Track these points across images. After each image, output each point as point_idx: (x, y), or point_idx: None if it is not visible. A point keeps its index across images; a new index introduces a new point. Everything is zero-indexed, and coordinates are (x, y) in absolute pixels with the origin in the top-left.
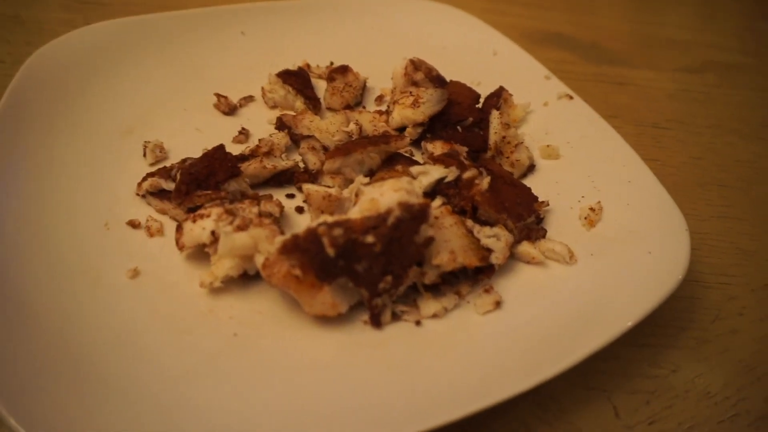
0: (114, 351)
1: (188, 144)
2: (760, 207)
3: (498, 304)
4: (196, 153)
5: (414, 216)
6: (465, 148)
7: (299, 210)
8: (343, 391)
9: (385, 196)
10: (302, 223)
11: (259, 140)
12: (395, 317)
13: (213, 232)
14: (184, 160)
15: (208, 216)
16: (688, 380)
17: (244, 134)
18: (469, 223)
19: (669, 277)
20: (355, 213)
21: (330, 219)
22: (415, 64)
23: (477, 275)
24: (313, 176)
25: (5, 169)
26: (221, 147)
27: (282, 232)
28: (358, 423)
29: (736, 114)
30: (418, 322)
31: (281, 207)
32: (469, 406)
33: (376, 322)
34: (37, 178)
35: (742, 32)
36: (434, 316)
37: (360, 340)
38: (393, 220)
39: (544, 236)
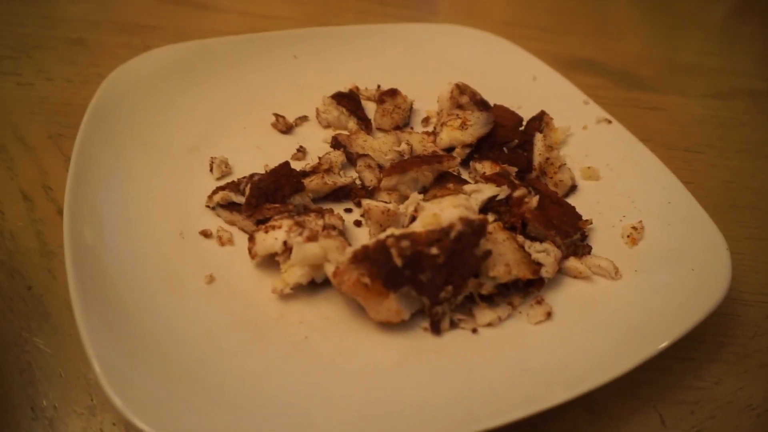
0: (197, 348)
1: (250, 160)
2: None
3: (549, 315)
4: (258, 169)
5: (474, 230)
6: (514, 169)
7: (357, 224)
8: (404, 392)
9: (445, 211)
10: (360, 235)
11: (319, 158)
12: (453, 325)
13: (285, 243)
14: (251, 176)
15: (280, 227)
16: (730, 392)
17: (301, 152)
18: (520, 238)
19: (713, 293)
20: (417, 227)
21: (397, 232)
22: (461, 89)
23: (528, 288)
24: (370, 192)
25: (92, 183)
26: (287, 164)
27: (349, 244)
28: (417, 423)
29: (765, 139)
30: (474, 330)
31: (342, 220)
32: (522, 410)
33: (436, 329)
34: (118, 191)
35: (763, 58)
36: (489, 324)
37: (420, 345)
38: (455, 234)
39: (589, 252)
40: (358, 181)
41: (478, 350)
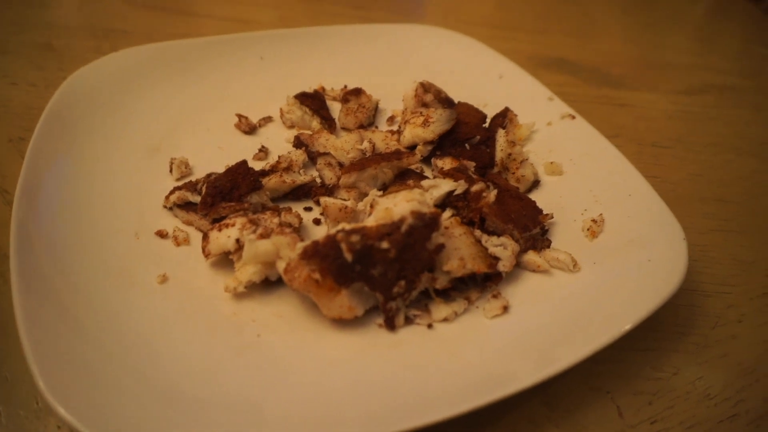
0: (146, 347)
1: (211, 161)
2: (758, 220)
3: (505, 309)
4: (219, 169)
5: (426, 224)
6: (473, 164)
7: (316, 222)
8: (359, 387)
9: (398, 206)
10: (319, 234)
11: (279, 156)
12: (408, 321)
13: (237, 240)
14: (208, 175)
15: (233, 225)
16: (689, 382)
17: (263, 152)
18: (477, 233)
19: (669, 281)
20: (370, 221)
21: (348, 226)
22: (425, 87)
23: (485, 282)
24: (330, 190)
25: (46, 184)
26: (244, 162)
27: (302, 240)
28: (372, 416)
29: (734, 132)
30: (429, 326)
31: (300, 218)
32: (476, 400)
33: (390, 325)
34: (73, 192)
35: (738, 55)
36: (445, 319)
37: (375, 341)
38: (406, 228)
39: (548, 246)
40: (318, 180)
41: (433, 345)
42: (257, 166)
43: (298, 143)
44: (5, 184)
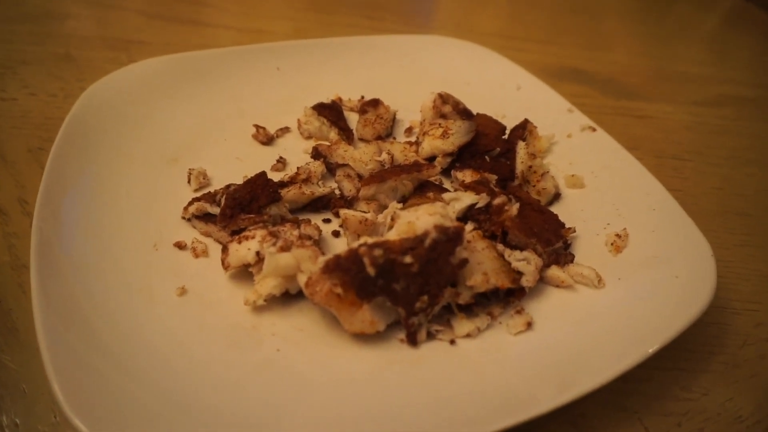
0: (165, 361)
1: (229, 172)
2: None
3: (529, 325)
4: (237, 180)
5: (449, 238)
6: (494, 176)
7: (335, 234)
8: (379, 406)
9: (421, 219)
10: (338, 246)
11: (298, 168)
12: (430, 336)
13: (258, 253)
14: (227, 186)
15: (253, 238)
16: (719, 404)
17: (281, 163)
18: (500, 247)
19: (697, 300)
20: (393, 235)
21: (370, 240)
22: (443, 98)
23: (508, 297)
24: (349, 202)
25: (66, 195)
26: (263, 174)
27: (323, 254)
28: None
29: (753, 145)
30: (452, 341)
31: (319, 231)
32: (498, 423)
33: (412, 341)
34: (93, 203)
35: (753, 66)
36: (467, 335)
37: (396, 357)
38: (430, 242)
39: (572, 261)
40: (337, 191)
41: (456, 362)
42: (275, 176)
43: (317, 154)
44: (24, 194)
